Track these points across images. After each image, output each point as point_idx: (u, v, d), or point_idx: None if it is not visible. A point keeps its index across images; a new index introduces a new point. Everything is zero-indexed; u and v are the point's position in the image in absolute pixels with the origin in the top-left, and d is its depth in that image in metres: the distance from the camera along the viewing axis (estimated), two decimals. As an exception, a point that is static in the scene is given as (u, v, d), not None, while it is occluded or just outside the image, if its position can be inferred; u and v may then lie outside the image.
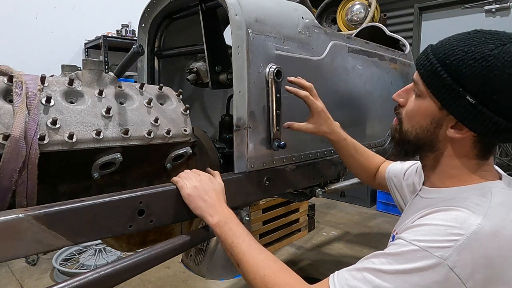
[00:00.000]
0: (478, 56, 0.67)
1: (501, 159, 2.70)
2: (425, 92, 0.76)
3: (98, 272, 0.75)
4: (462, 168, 0.77)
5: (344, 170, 1.51)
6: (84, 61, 0.97)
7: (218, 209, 0.88)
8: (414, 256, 0.64)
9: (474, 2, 3.79)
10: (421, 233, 0.67)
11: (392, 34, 2.17)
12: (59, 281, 0.79)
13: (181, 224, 1.30)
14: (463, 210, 0.67)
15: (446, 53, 0.71)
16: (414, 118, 0.80)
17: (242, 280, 2.59)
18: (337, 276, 0.72)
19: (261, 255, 0.80)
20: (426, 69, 0.75)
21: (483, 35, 0.70)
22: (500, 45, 0.67)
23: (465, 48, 0.69)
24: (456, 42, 0.71)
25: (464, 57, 0.68)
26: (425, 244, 0.64)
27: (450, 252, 0.62)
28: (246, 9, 1.07)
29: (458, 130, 0.73)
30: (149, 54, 1.51)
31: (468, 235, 0.63)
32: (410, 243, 0.66)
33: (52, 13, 3.65)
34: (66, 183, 0.93)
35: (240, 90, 1.06)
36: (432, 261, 0.63)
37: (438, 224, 0.66)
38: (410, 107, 0.81)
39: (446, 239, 0.63)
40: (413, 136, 0.81)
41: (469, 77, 0.68)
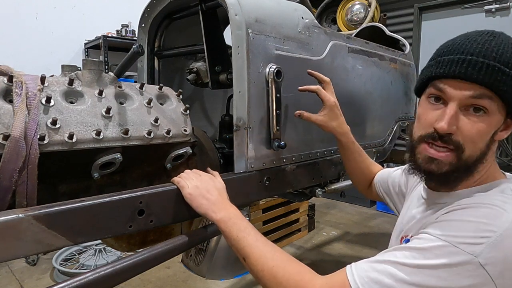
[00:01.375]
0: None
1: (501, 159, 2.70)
2: (495, 108, 0.69)
3: (98, 272, 0.75)
4: (484, 169, 0.74)
5: (344, 170, 1.51)
6: (84, 61, 0.97)
7: (221, 206, 0.87)
8: (443, 251, 0.62)
9: (474, 2, 3.79)
10: (450, 228, 0.65)
11: (392, 34, 2.17)
12: (59, 281, 0.79)
13: (181, 224, 1.30)
14: (492, 207, 0.66)
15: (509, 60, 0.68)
16: (482, 140, 0.70)
17: (242, 280, 2.59)
18: (355, 267, 0.69)
19: (268, 247, 0.78)
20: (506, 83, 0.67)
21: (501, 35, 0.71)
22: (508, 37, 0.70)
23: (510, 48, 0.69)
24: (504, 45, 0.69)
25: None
26: (455, 240, 0.63)
27: (482, 249, 0.61)
28: (246, 9, 1.07)
29: (506, 129, 0.73)
30: (149, 54, 1.51)
31: (501, 232, 0.62)
32: (438, 238, 0.64)
33: (52, 13, 3.65)
34: (66, 183, 0.93)
35: (240, 90, 1.06)
36: (462, 257, 0.61)
37: (469, 221, 0.65)
38: (475, 130, 0.69)
39: (478, 236, 0.62)
40: (474, 160, 0.71)
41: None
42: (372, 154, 1.71)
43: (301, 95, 1.24)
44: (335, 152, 1.45)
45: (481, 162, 0.72)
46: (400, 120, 1.91)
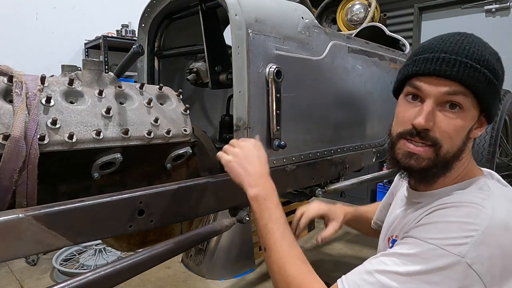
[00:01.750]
0: (496, 56, 0.73)
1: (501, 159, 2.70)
2: (469, 104, 0.70)
3: (98, 272, 0.75)
4: (462, 166, 0.77)
5: (344, 170, 1.51)
6: (84, 61, 0.97)
7: (259, 180, 0.80)
8: (431, 255, 0.63)
9: (474, 2, 3.79)
10: (435, 231, 0.66)
11: (392, 34, 2.17)
12: (59, 281, 0.79)
13: (181, 224, 1.30)
14: (472, 206, 0.67)
15: (486, 60, 0.70)
16: (458, 135, 0.72)
17: (242, 280, 2.59)
18: (346, 280, 0.69)
19: (292, 251, 0.75)
20: (479, 80, 0.69)
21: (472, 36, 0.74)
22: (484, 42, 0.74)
23: (489, 50, 0.72)
24: (480, 46, 0.71)
25: (493, 58, 0.72)
26: (442, 242, 0.63)
27: (468, 249, 0.62)
28: (246, 9, 1.07)
29: (481, 127, 0.75)
30: (149, 54, 1.51)
31: (482, 230, 0.63)
32: (425, 241, 0.65)
33: (52, 13, 3.65)
34: (66, 183, 0.93)
35: (240, 90, 1.06)
36: (451, 259, 0.62)
37: (452, 221, 0.66)
38: (452, 126, 0.71)
39: (462, 236, 0.63)
40: (452, 155, 0.72)
41: (501, 76, 0.73)
42: (372, 154, 1.71)
43: (301, 95, 1.25)
44: (335, 152, 1.45)
45: (458, 159, 0.74)
46: (400, 120, 1.91)
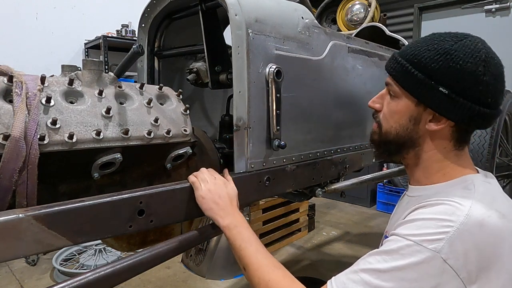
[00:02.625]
0: (442, 51, 0.75)
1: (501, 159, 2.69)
2: (400, 92, 0.81)
3: (98, 272, 0.75)
4: (443, 161, 0.81)
5: (344, 170, 1.51)
6: (84, 61, 0.97)
7: (229, 212, 0.90)
8: (408, 251, 0.66)
9: (474, 2, 3.79)
10: (413, 227, 0.69)
11: (392, 34, 2.17)
12: (59, 281, 0.79)
13: (181, 224, 1.30)
14: (450, 203, 0.70)
15: (413, 53, 0.78)
16: (392, 118, 0.84)
17: (242, 280, 2.59)
18: (335, 281, 0.72)
19: (267, 260, 0.82)
20: (397, 70, 0.81)
21: (441, 36, 0.78)
22: (457, 40, 0.75)
23: (429, 47, 0.77)
24: (419, 44, 0.79)
25: (430, 54, 0.76)
26: (418, 238, 0.67)
27: (443, 244, 0.64)
28: (246, 9, 1.07)
29: (437, 122, 0.78)
30: (149, 54, 1.51)
31: (457, 226, 0.66)
32: (404, 238, 0.68)
33: (52, 13, 3.65)
34: (66, 183, 0.93)
35: (240, 90, 1.06)
36: (426, 254, 0.65)
37: (428, 218, 0.69)
38: (387, 109, 0.85)
39: (437, 232, 0.66)
40: (393, 136, 0.84)
41: (438, 70, 0.74)
42: (372, 154, 1.71)
43: (301, 95, 1.25)
44: (335, 152, 1.45)
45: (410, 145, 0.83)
46: (400, 120, 1.91)
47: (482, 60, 0.73)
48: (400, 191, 4.00)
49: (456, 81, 0.73)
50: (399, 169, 1.90)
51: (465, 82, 0.73)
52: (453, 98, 0.74)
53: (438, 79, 0.74)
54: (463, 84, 0.73)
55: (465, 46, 0.74)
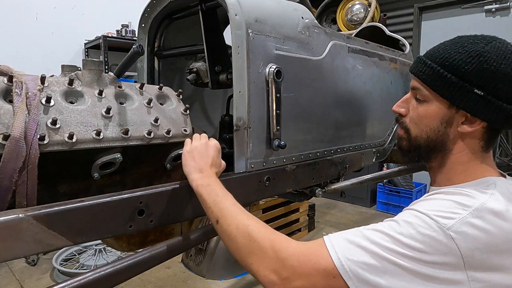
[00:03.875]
0: (474, 53, 0.74)
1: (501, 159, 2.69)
2: (430, 95, 0.80)
3: (98, 272, 0.75)
4: (469, 162, 0.80)
5: (344, 170, 1.51)
6: (84, 61, 0.97)
7: (206, 172, 0.88)
8: (419, 220, 0.66)
9: (474, 2, 3.79)
10: (427, 205, 0.70)
11: (392, 34, 2.17)
12: (59, 281, 0.79)
13: (181, 224, 1.30)
14: (468, 193, 0.71)
15: (443, 56, 0.78)
16: (422, 122, 0.83)
17: (242, 280, 2.59)
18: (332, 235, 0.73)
19: (244, 213, 0.79)
20: (427, 74, 0.79)
21: (469, 38, 0.78)
22: (488, 43, 0.76)
23: (459, 49, 0.76)
24: (448, 47, 0.79)
25: (462, 56, 0.75)
26: (431, 212, 0.67)
27: (454, 223, 0.65)
28: (246, 9, 1.07)
29: (470, 124, 0.78)
30: (149, 54, 1.51)
31: (471, 211, 0.66)
32: (416, 211, 0.69)
33: (52, 13, 3.65)
34: (66, 183, 0.93)
35: (240, 90, 1.06)
36: (435, 227, 0.65)
37: (444, 199, 0.71)
38: (416, 114, 0.84)
39: (451, 211, 0.66)
40: (423, 140, 0.83)
41: (472, 72, 0.74)
42: (372, 154, 1.71)
43: (301, 95, 1.25)
44: (335, 152, 1.45)
45: (440, 149, 0.82)
46: (400, 120, 1.91)
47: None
48: (400, 191, 4.00)
49: (491, 82, 0.73)
50: (399, 169, 1.90)
51: (499, 83, 0.73)
52: (489, 100, 0.74)
53: (472, 81, 0.74)
54: (497, 85, 0.73)
55: (496, 48, 0.74)
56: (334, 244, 0.69)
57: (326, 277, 0.66)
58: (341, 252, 0.67)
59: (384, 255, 0.64)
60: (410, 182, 4.17)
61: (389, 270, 0.64)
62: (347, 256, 0.66)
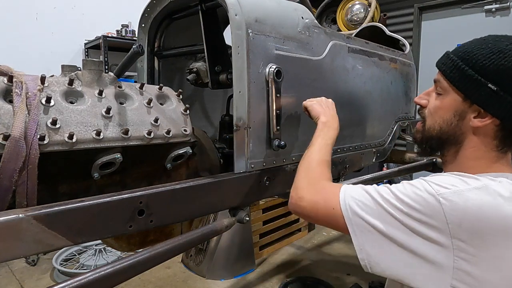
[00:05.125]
0: (495, 50, 0.75)
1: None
2: (448, 87, 0.82)
3: (98, 272, 0.75)
4: (481, 159, 0.81)
5: (344, 170, 1.51)
6: (84, 61, 0.97)
7: (331, 118, 1.08)
8: (417, 185, 0.72)
9: (474, 2, 3.79)
10: (436, 177, 0.74)
11: (392, 34, 2.17)
12: (59, 281, 0.79)
13: (181, 224, 1.30)
14: (476, 177, 0.72)
15: (465, 51, 0.80)
16: (437, 113, 0.85)
17: (242, 280, 2.59)
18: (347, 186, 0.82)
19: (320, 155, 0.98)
20: (447, 66, 0.82)
21: (497, 37, 0.79)
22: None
23: (482, 45, 0.78)
24: (474, 43, 0.80)
25: (483, 52, 0.76)
26: (431, 180, 0.71)
27: (447, 191, 0.68)
28: (246, 9, 1.07)
29: (481, 119, 0.78)
30: (149, 54, 1.51)
31: (470, 188, 0.68)
32: (421, 178, 0.74)
33: (52, 13, 3.65)
34: (66, 183, 0.93)
35: (240, 90, 1.06)
36: (429, 190, 0.69)
37: (451, 176, 0.73)
38: (432, 105, 0.87)
39: (450, 184, 0.70)
40: (436, 131, 0.86)
41: (489, 67, 0.75)
42: (372, 154, 1.71)
43: (301, 95, 1.24)
44: (335, 152, 1.45)
45: (453, 142, 0.83)
46: (400, 120, 1.91)
47: None
48: (400, 191, 3.99)
49: (506, 79, 0.74)
50: (399, 169, 1.90)
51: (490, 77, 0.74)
52: (501, 96, 0.74)
53: (487, 75, 0.75)
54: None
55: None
56: (347, 188, 0.80)
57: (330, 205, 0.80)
58: (349, 192, 0.79)
59: (380, 202, 0.73)
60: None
61: (381, 215, 0.72)
62: (351, 194, 0.78)
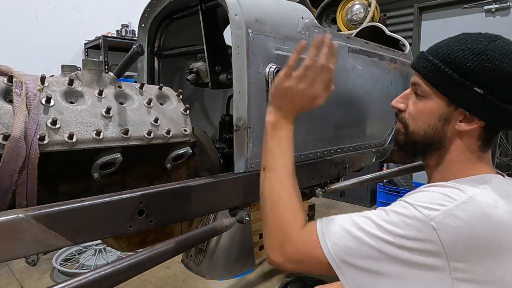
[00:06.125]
0: (477, 51, 0.73)
1: (501, 159, 2.70)
2: (430, 91, 0.79)
3: (98, 272, 0.75)
4: (465, 161, 0.80)
5: (344, 170, 1.51)
6: (84, 61, 0.97)
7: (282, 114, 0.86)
8: (403, 211, 0.68)
9: (474, 2, 3.79)
10: (417, 196, 0.73)
11: (392, 34, 2.16)
12: (59, 281, 0.79)
13: (181, 224, 1.30)
14: (457, 187, 0.71)
15: (445, 53, 0.77)
16: (420, 118, 0.82)
17: (242, 280, 2.59)
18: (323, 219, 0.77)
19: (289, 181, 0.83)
20: (428, 69, 0.79)
21: (472, 36, 0.77)
22: (492, 41, 0.74)
23: (462, 46, 0.75)
24: (451, 43, 0.77)
25: (464, 53, 0.74)
26: (417, 203, 0.69)
27: (437, 214, 0.66)
28: (246, 9, 1.07)
29: (468, 122, 0.77)
30: (149, 54, 1.51)
31: (457, 203, 0.67)
32: (404, 201, 0.71)
33: (52, 13, 3.65)
34: (66, 183, 0.93)
35: (240, 90, 1.06)
36: (419, 217, 0.66)
37: (432, 191, 0.72)
38: (414, 109, 0.83)
39: (437, 203, 0.67)
40: (420, 136, 0.83)
41: (473, 70, 0.73)
42: (372, 154, 1.71)
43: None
44: (335, 152, 1.45)
45: (437, 146, 0.81)
46: (400, 120, 1.91)
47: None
48: (400, 191, 4.00)
49: (492, 81, 0.73)
50: (399, 169, 1.90)
51: (501, 83, 0.73)
52: (488, 99, 0.73)
53: (473, 79, 0.73)
54: (498, 84, 0.73)
55: (500, 47, 0.73)
56: (324, 231, 0.74)
57: (315, 260, 0.73)
58: (329, 237, 0.72)
59: (367, 240, 0.68)
60: (410, 182, 4.17)
61: (371, 254, 0.67)
62: (333, 240, 0.71)
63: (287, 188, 0.82)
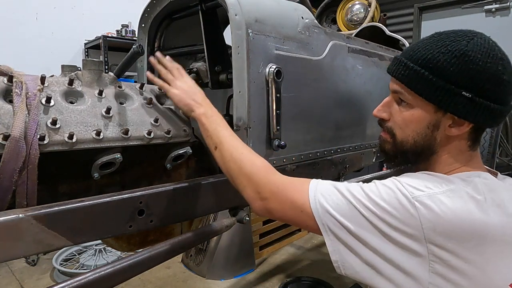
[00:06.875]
0: (457, 53, 0.71)
1: (501, 159, 2.69)
2: (414, 99, 0.77)
3: (98, 272, 0.75)
4: (456, 162, 0.80)
5: (344, 170, 1.51)
6: (84, 61, 0.97)
7: (206, 106, 0.95)
8: (392, 186, 0.70)
9: (474, 2, 3.79)
10: (409, 178, 0.73)
11: (392, 34, 2.17)
12: (59, 281, 0.79)
13: (181, 224, 1.30)
14: (450, 178, 0.72)
15: (425, 58, 0.74)
16: (408, 127, 0.80)
17: (242, 280, 2.59)
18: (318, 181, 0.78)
19: (239, 142, 0.88)
20: (410, 77, 0.76)
21: (448, 36, 0.74)
22: (469, 39, 0.72)
23: (442, 49, 0.72)
24: (428, 46, 0.75)
25: (445, 57, 0.71)
26: (404, 182, 0.70)
27: (422, 194, 0.67)
28: (246, 9, 1.07)
29: (458, 126, 0.76)
30: (149, 54, 1.51)
31: (443, 190, 0.68)
32: (395, 179, 0.73)
33: (52, 13, 3.65)
34: (66, 183, 0.93)
35: (240, 90, 1.06)
36: (404, 192, 0.68)
37: (425, 177, 0.73)
38: (400, 118, 0.81)
39: (424, 185, 0.69)
40: (410, 145, 0.81)
41: (458, 74, 0.71)
42: (372, 154, 1.71)
43: (301, 95, 1.25)
44: (335, 152, 1.45)
45: (428, 153, 0.80)
46: (400, 120, 1.91)
47: (499, 59, 0.71)
48: (400, 191, 3.99)
49: (478, 83, 0.71)
50: (399, 169, 1.90)
51: (487, 84, 0.71)
52: (477, 101, 0.71)
53: (458, 83, 0.71)
54: (485, 86, 0.71)
55: (479, 45, 0.71)
56: (317, 185, 0.76)
57: (295, 209, 0.76)
58: (319, 190, 0.75)
59: (354, 203, 0.70)
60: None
61: (354, 216, 0.70)
62: (322, 193, 0.74)
63: (241, 145, 0.88)
